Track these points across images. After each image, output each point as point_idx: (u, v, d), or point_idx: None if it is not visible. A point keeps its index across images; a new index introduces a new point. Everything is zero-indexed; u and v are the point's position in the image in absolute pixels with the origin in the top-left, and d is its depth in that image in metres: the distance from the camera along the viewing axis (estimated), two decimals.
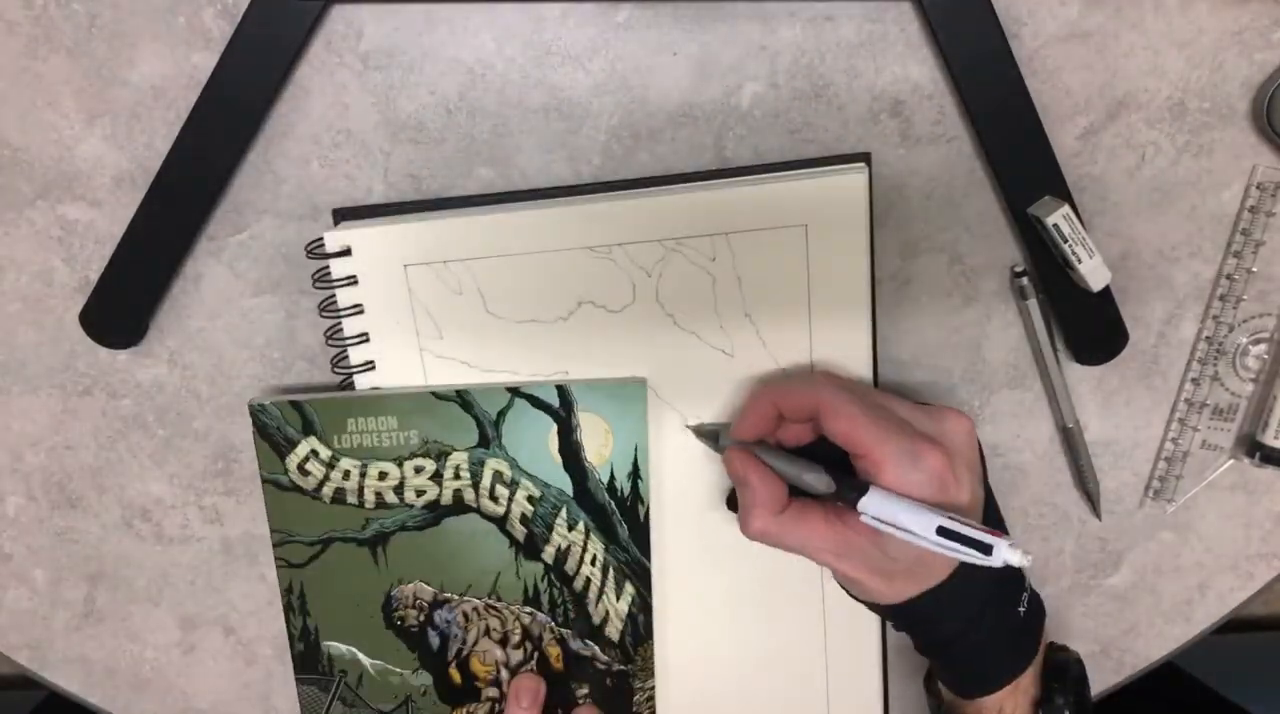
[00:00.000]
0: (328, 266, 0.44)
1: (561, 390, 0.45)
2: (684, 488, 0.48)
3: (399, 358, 0.45)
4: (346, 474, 0.45)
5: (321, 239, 0.43)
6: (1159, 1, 0.44)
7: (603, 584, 0.48)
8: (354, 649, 0.48)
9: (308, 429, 0.45)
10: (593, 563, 0.47)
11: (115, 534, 0.50)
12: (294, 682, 0.48)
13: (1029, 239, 0.46)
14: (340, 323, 0.45)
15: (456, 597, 0.47)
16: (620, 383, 0.45)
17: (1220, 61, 0.45)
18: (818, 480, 0.39)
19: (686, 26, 0.44)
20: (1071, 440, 0.49)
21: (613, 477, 0.46)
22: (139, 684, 0.53)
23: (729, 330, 0.45)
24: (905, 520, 0.36)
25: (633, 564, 0.47)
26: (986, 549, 0.36)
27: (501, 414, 0.45)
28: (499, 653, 0.48)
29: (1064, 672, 0.43)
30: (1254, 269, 0.47)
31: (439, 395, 0.45)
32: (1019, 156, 0.45)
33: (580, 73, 0.44)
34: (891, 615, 0.41)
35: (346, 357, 0.45)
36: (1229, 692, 0.84)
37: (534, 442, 0.45)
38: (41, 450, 0.49)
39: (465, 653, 0.48)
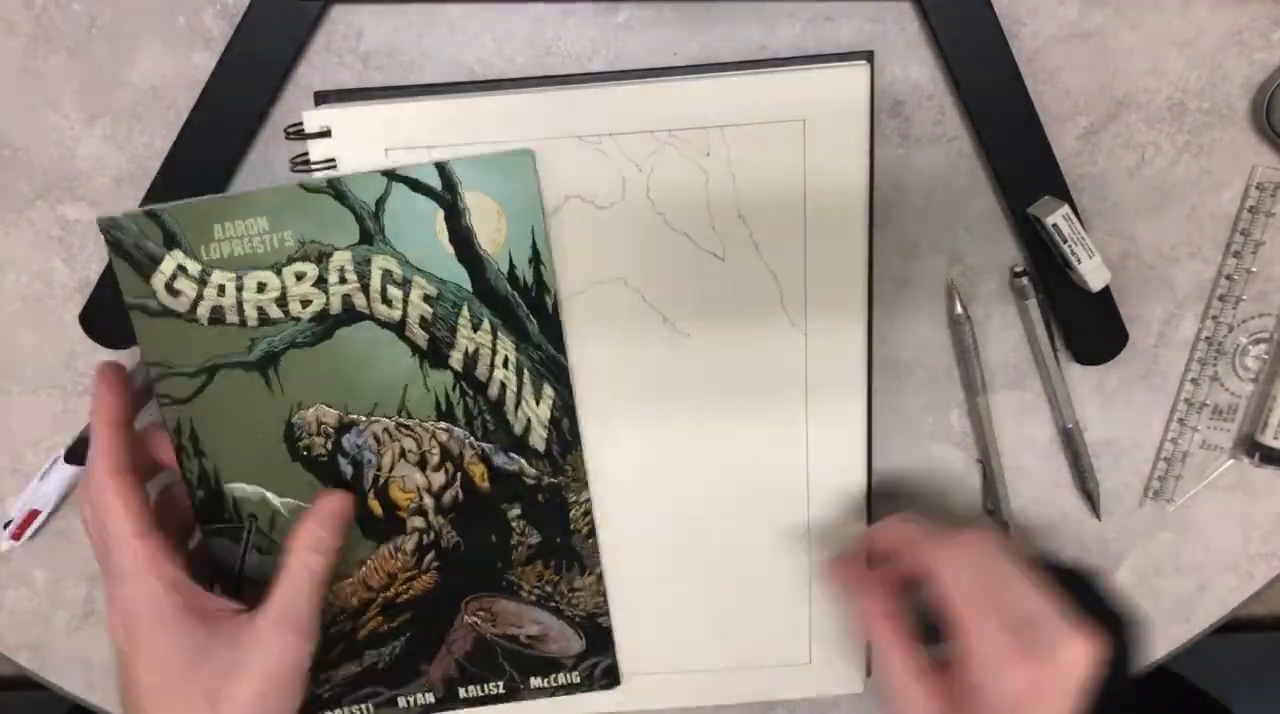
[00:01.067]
0: (306, 150, 0.42)
1: (442, 170, 0.41)
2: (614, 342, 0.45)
3: None
4: (221, 289, 0.41)
5: (300, 120, 0.42)
6: (1159, 1, 0.44)
7: (519, 388, 0.44)
8: (261, 489, 0.44)
9: (170, 242, 0.40)
10: (505, 365, 0.44)
11: None
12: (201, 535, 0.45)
13: (1029, 239, 0.46)
14: None
15: (364, 418, 0.44)
16: (505, 155, 0.41)
17: (1220, 61, 0.45)
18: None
19: (686, 27, 0.44)
20: (1071, 440, 0.49)
21: (512, 264, 0.42)
22: None
23: (721, 231, 0.44)
24: None
25: (548, 362, 0.44)
26: None
27: (380, 203, 0.41)
28: (419, 477, 0.45)
29: None
30: (1254, 269, 0.47)
31: (308, 187, 0.41)
32: (1019, 156, 0.45)
33: (580, 73, 0.44)
34: None
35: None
36: (1229, 692, 0.84)
37: (421, 232, 0.42)
38: (41, 450, 0.49)
39: (383, 480, 0.45)
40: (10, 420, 0.48)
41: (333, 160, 0.42)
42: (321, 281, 0.42)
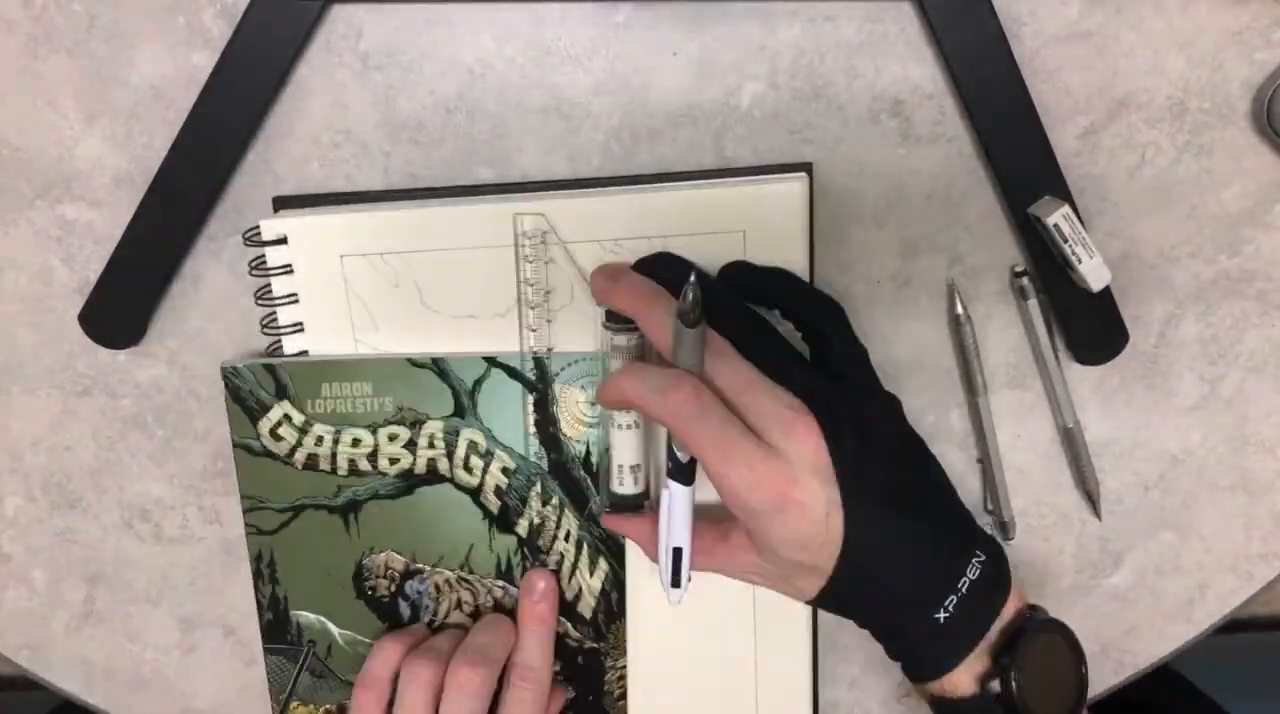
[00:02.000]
0: (264, 254, 0.44)
1: (538, 362, 0.45)
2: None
3: (333, 349, 0.45)
4: (319, 440, 0.45)
5: (258, 226, 0.43)
6: (1159, 1, 0.44)
7: (576, 560, 0.47)
8: (323, 619, 0.48)
9: (281, 393, 0.45)
10: (566, 539, 0.47)
11: (115, 534, 0.50)
12: (261, 651, 0.48)
13: (1029, 239, 0.46)
14: (275, 312, 0.44)
15: (429, 568, 0.47)
16: (597, 356, 0.45)
17: (1220, 61, 0.45)
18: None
19: (686, 26, 0.44)
20: (1071, 440, 0.49)
21: (588, 451, 0.46)
22: (139, 684, 0.53)
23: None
24: (666, 525, 0.40)
25: (606, 540, 0.47)
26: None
27: (478, 383, 0.45)
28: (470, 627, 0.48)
29: (1014, 642, 0.39)
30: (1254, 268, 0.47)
31: (415, 362, 0.45)
32: (1019, 156, 0.45)
33: (580, 73, 0.44)
34: (820, 608, 0.42)
35: (279, 345, 0.45)
36: (1229, 692, 0.84)
37: (509, 413, 0.45)
38: (41, 450, 0.49)
39: (436, 625, 0.48)
40: (10, 420, 0.48)
41: (289, 266, 0.44)
42: (412, 444, 0.46)
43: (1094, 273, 0.44)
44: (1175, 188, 0.47)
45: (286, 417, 0.45)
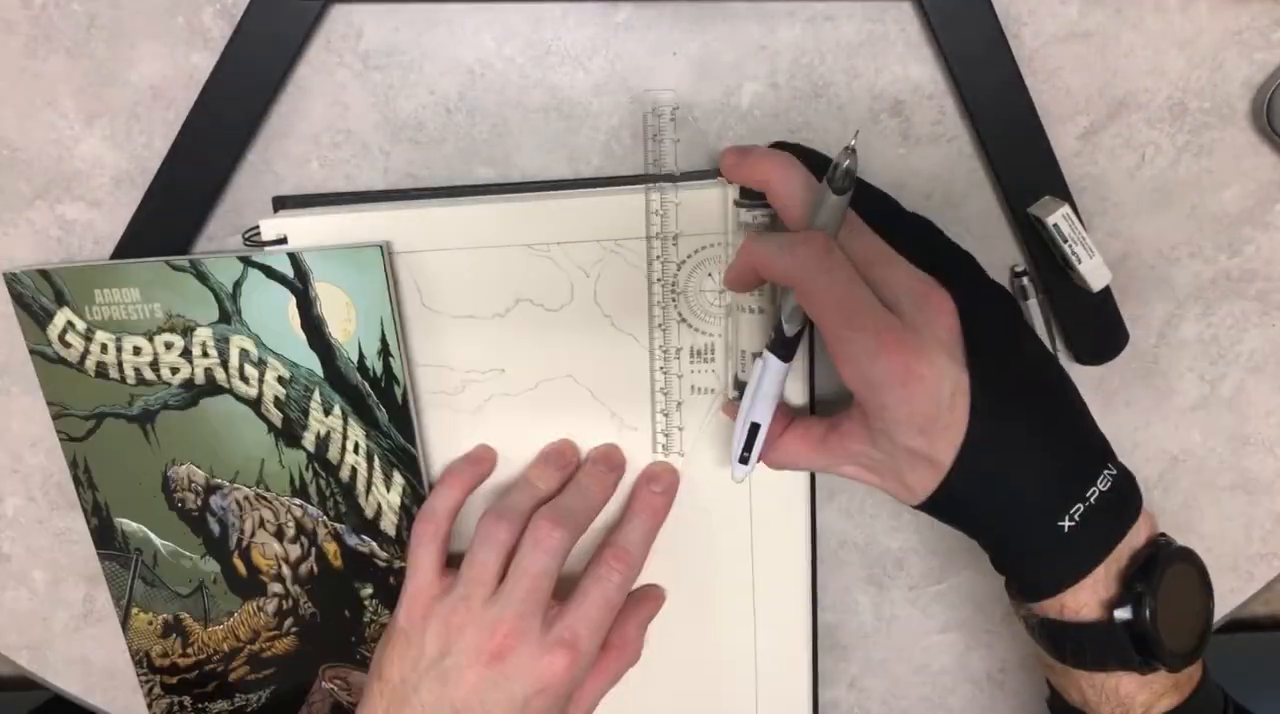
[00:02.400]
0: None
1: (295, 260, 0.43)
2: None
3: None
4: (104, 347, 0.44)
5: (258, 226, 0.43)
6: (1159, 1, 0.44)
7: (370, 474, 0.46)
8: (144, 528, 0.47)
9: (60, 299, 0.44)
10: (355, 451, 0.46)
11: None
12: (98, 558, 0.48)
13: (1029, 239, 0.46)
14: None
15: (227, 483, 0.46)
16: (355, 249, 0.43)
17: (1220, 61, 0.45)
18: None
19: (686, 26, 0.44)
20: None
21: (361, 355, 0.44)
22: (139, 685, 0.53)
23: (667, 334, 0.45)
24: (751, 397, 0.39)
25: (397, 451, 0.45)
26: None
27: (237, 285, 0.43)
28: (277, 547, 0.47)
29: (1149, 569, 0.36)
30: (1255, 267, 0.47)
31: (173, 265, 0.43)
32: (1019, 156, 0.45)
33: (580, 73, 0.44)
34: (930, 513, 0.38)
35: None
36: (1229, 692, 0.84)
37: (274, 316, 0.44)
38: (41, 450, 0.49)
39: (245, 543, 0.47)
40: (10, 420, 0.48)
41: None
42: (187, 353, 0.44)
43: (1094, 273, 0.44)
44: (1175, 188, 0.47)
45: (70, 323, 0.44)
